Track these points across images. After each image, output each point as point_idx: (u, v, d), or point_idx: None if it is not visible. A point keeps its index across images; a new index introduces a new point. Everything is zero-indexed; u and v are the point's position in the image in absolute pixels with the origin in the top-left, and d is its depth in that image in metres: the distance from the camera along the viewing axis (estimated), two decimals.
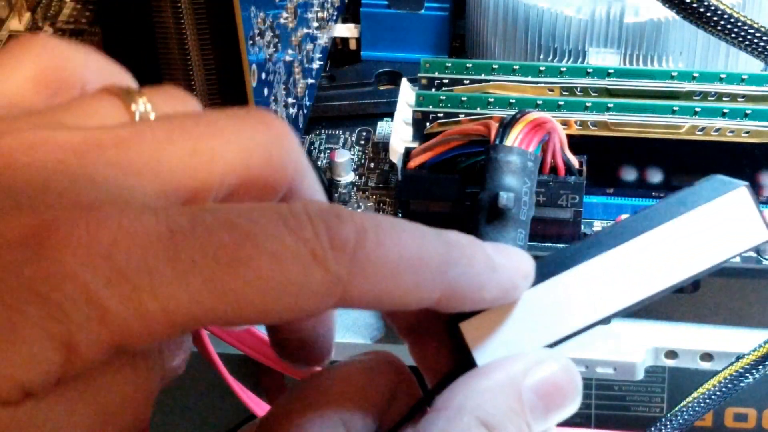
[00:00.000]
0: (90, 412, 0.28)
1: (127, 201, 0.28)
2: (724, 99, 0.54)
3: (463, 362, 0.34)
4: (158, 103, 0.33)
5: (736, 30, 0.52)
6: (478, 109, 0.54)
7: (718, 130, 0.53)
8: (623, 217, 0.49)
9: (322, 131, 0.61)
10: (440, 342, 0.35)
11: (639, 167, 0.55)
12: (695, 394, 0.49)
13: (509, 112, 0.51)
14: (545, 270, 0.34)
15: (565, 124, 0.53)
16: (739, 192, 0.35)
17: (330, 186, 0.55)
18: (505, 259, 0.33)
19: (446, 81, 0.56)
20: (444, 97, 0.55)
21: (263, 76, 0.50)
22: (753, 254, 0.53)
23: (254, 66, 0.49)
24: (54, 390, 0.27)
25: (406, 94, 0.59)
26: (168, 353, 0.31)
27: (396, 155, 0.55)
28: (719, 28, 0.52)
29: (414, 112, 0.55)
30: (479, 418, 0.32)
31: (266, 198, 0.31)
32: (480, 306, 0.33)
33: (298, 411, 0.33)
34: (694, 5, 0.52)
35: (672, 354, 0.54)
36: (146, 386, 0.29)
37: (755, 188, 0.54)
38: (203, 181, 0.30)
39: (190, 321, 0.28)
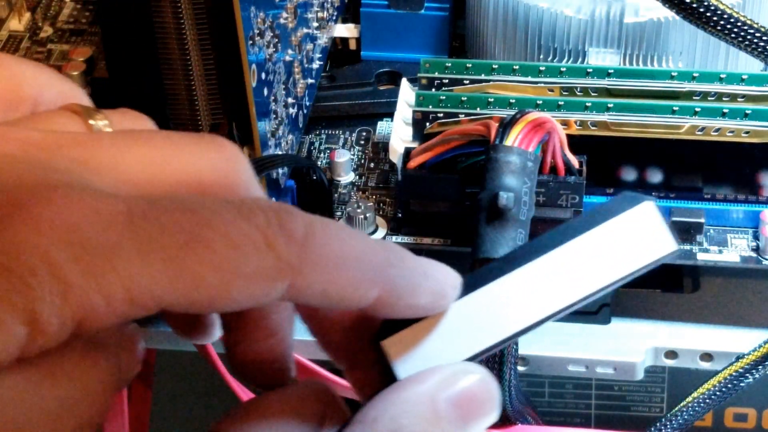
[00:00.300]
0: (52, 399, 0.29)
1: (88, 186, 0.29)
2: (724, 99, 0.54)
3: (387, 378, 0.35)
4: (115, 121, 0.34)
5: (736, 30, 0.52)
6: (478, 109, 0.54)
7: (718, 130, 0.53)
8: None
9: (322, 131, 0.61)
10: (372, 366, 0.36)
11: (639, 167, 0.55)
12: (695, 394, 0.49)
13: (509, 112, 0.51)
14: (464, 285, 0.36)
15: (565, 124, 0.53)
16: (646, 206, 0.36)
17: (330, 186, 0.55)
18: (435, 269, 0.35)
19: (446, 81, 0.56)
20: (444, 97, 0.55)
21: (263, 76, 0.50)
22: (753, 254, 0.53)
23: (254, 66, 0.49)
24: (18, 368, 0.28)
25: (406, 94, 0.59)
26: (124, 351, 0.32)
27: (396, 155, 0.55)
28: (719, 28, 0.52)
29: (414, 112, 0.55)
30: (392, 429, 0.33)
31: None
32: (413, 311, 0.35)
33: (237, 428, 0.34)
34: (694, 5, 0.52)
35: (672, 354, 0.54)
36: (106, 380, 0.30)
37: (755, 188, 0.54)
38: (157, 185, 0.31)
39: (150, 300, 0.28)
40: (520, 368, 0.53)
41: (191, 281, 0.29)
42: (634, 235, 0.36)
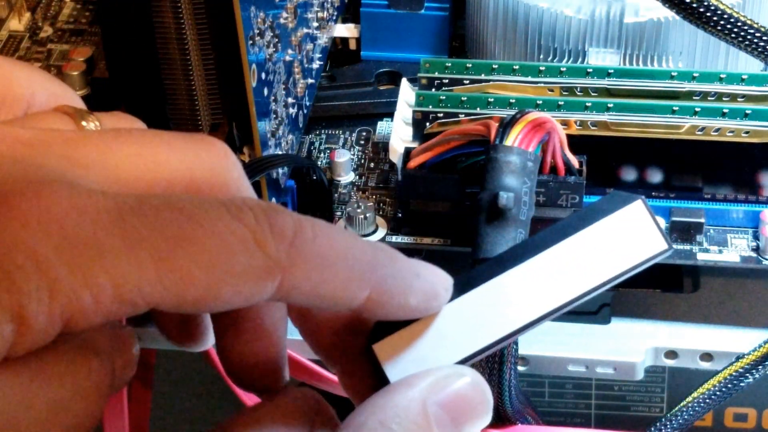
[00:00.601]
0: (42, 401, 0.28)
1: (76, 183, 0.29)
2: (724, 99, 0.54)
3: (379, 382, 0.35)
4: (107, 123, 0.34)
5: (736, 30, 0.52)
6: (478, 109, 0.54)
7: (718, 130, 0.53)
8: None
9: (322, 131, 0.61)
10: (364, 369, 0.36)
11: (639, 167, 0.55)
12: (695, 394, 0.49)
13: (509, 112, 0.51)
14: (454, 288, 0.35)
15: (565, 124, 0.53)
16: (636, 205, 0.36)
17: (330, 186, 0.55)
18: (427, 270, 0.35)
19: (446, 81, 0.56)
20: (444, 97, 0.55)
21: (263, 76, 0.50)
22: (753, 254, 0.53)
23: (254, 66, 0.49)
24: (6, 368, 0.28)
25: (406, 94, 0.59)
26: (118, 354, 0.32)
27: (396, 155, 0.55)
28: (719, 28, 0.52)
29: (414, 112, 0.55)
30: None
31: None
32: (405, 312, 0.34)
33: None
34: (694, 5, 0.52)
35: (672, 354, 0.54)
36: (99, 383, 0.30)
37: (755, 188, 0.54)
38: (148, 183, 0.31)
39: (138, 297, 0.28)
40: (520, 368, 0.53)
41: (180, 279, 0.29)
42: (625, 235, 0.36)
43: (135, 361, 0.33)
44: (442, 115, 0.54)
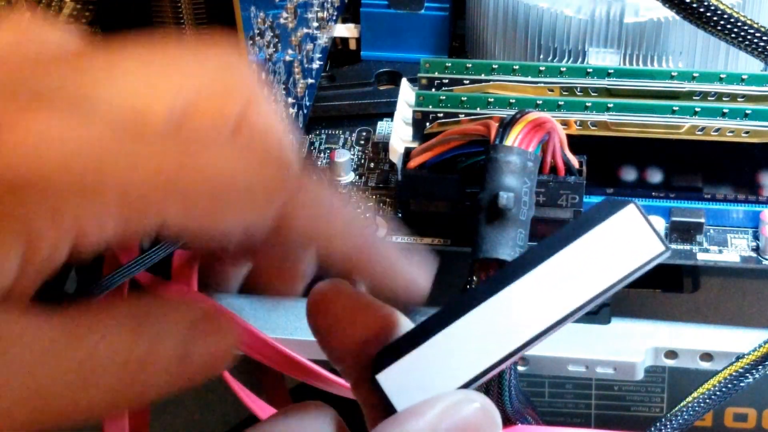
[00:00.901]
0: (78, 355, 0.28)
1: (80, 105, 0.29)
2: (724, 99, 0.54)
3: (387, 410, 0.34)
4: None
5: (736, 30, 0.52)
6: (478, 109, 0.54)
7: (718, 130, 0.53)
8: None
9: (322, 131, 0.61)
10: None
11: (639, 167, 0.55)
12: (695, 394, 0.49)
13: (509, 112, 0.51)
14: (453, 310, 0.35)
15: (565, 124, 0.53)
16: (629, 210, 0.35)
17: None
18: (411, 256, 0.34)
19: (446, 81, 0.56)
20: (444, 97, 0.55)
21: (263, 76, 0.50)
22: (753, 254, 0.53)
23: (254, 66, 0.49)
24: (24, 310, 0.27)
25: (406, 94, 0.59)
26: (194, 339, 0.30)
27: (396, 155, 0.55)
28: (719, 28, 0.52)
29: (414, 112, 0.55)
30: None
31: (220, 121, 0.32)
32: (389, 283, 0.34)
33: None
34: (694, 5, 0.52)
35: (672, 354, 0.54)
36: (162, 354, 0.29)
37: (755, 188, 0.54)
38: (155, 95, 0.30)
39: (141, 215, 0.28)
40: (520, 368, 0.53)
41: (184, 197, 0.28)
42: (621, 241, 0.35)
43: (225, 356, 0.30)
44: (442, 115, 0.54)
